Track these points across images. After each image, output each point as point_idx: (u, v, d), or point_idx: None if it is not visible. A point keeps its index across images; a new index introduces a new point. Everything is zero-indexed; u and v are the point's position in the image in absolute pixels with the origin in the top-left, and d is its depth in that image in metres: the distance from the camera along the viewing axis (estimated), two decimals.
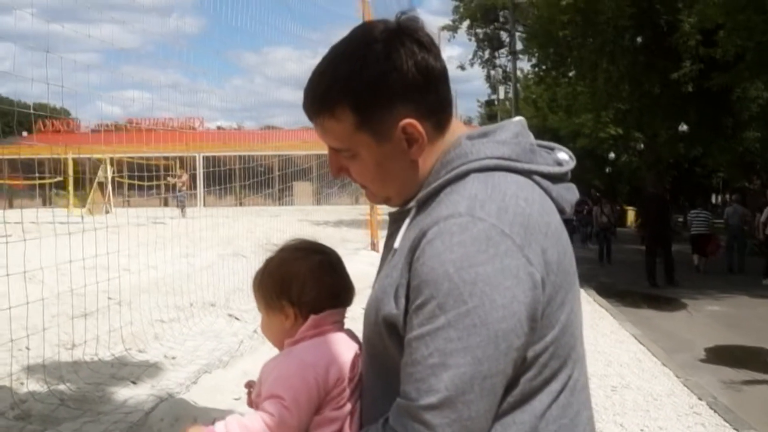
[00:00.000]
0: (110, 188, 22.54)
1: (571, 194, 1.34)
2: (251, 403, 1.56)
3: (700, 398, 6.14)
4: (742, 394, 6.90)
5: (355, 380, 1.45)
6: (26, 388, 4.77)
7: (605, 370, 6.97)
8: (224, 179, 14.25)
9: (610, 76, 22.73)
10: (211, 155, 21.00)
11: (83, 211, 18.26)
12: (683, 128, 24.93)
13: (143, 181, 16.93)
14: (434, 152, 1.29)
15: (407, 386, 1.15)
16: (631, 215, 33.77)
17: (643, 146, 32.19)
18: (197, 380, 5.18)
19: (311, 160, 17.86)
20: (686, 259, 17.06)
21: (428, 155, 1.29)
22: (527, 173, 1.27)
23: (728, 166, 29.39)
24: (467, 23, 35.16)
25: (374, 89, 1.22)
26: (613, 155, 40.78)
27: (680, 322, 10.89)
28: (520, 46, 31.16)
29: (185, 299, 7.76)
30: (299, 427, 1.42)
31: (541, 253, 1.17)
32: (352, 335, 1.55)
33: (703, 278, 15.98)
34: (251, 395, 1.57)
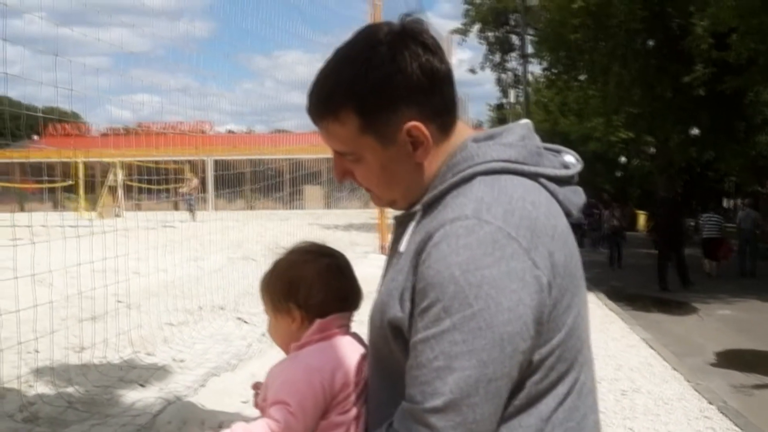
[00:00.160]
0: (120, 192, 22.65)
1: (577, 197, 1.33)
2: (258, 405, 1.55)
3: (710, 402, 6.11)
4: (752, 398, 6.86)
5: (361, 384, 1.44)
6: (35, 390, 4.79)
7: (615, 374, 6.93)
8: (234, 183, 14.27)
9: (621, 79, 22.65)
10: (221, 159, 21.09)
11: (93, 214, 18.34)
12: (695, 132, 24.80)
13: (153, 184, 17.00)
14: (440, 155, 1.28)
15: (412, 389, 1.14)
16: (642, 219, 33.63)
17: (654, 150, 32.03)
18: (205, 383, 5.19)
19: (321, 163, 17.84)
20: (697, 263, 16.97)
21: (434, 158, 1.28)
22: (534, 176, 1.26)
23: (740, 170, 29.15)
24: (478, 27, 35.20)
25: (379, 92, 1.21)
26: (624, 159, 40.69)
27: (691, 326, 10.82)
28: (531, 49, 31.15)
29: (194, 302, 7.79)
30: None
31: (547, 256, 1.16)
32: (358, 339, 1.54)
33: (714, 282, 15.90)
34: (258, 397, 1.57)
